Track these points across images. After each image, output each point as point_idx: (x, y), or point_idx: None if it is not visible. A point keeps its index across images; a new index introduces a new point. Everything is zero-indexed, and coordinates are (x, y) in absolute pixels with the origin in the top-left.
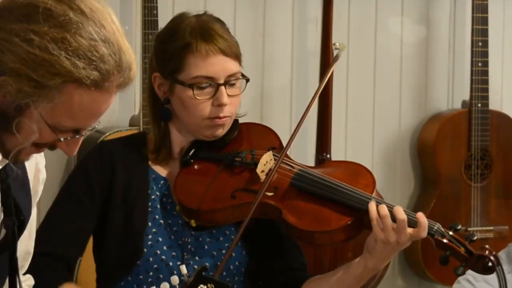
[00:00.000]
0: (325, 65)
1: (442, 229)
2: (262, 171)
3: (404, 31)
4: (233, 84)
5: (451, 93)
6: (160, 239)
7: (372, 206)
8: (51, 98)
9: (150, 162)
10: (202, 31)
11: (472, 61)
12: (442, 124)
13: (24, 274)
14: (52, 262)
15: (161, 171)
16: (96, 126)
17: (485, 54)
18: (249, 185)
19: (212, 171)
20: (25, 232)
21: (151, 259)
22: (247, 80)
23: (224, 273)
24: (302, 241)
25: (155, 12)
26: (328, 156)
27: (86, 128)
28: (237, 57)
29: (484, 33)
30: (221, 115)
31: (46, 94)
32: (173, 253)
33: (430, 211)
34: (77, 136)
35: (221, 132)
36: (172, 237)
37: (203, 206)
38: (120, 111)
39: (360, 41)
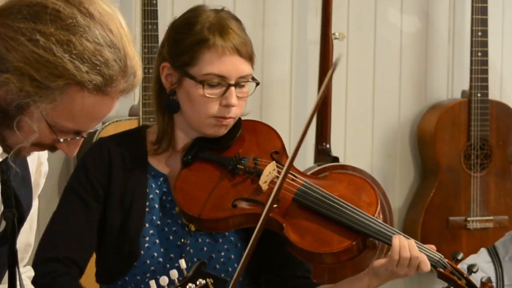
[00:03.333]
0: (324, 55)
1: (445, 261)
2: (265, 182)
3: (403, 21)
4: (243, 86)
5: (451, 83)
6: (157, 241)
7: (396, 244)
8: (53, 99)
9: (149, 158)
10: (220, 28)
11: (471, 51)
12: (441, 114)
13: (25, 266)
14: (67, 269)
15: (161, 167)
16: (98, 128)
17: (484, 44)
18: (251, 195)
19: (213, 175)
20: (26, 225)
21: (148, 261)
22: (257, 84)
23: (223, 275)
24: (302, 258)
25: (154, 2)
26: (328, 146)
27: (87, 130)
28: (251, 58)
29: (484, 22)
30: (227, 115)
31: (48, 95)
32: (171, 255)
33: (429, 201)
34: (78, 138)
35: (223, 131)
36: (171, 237)
37: (203, 215)
38: (119, 101)
39: (360, 31)
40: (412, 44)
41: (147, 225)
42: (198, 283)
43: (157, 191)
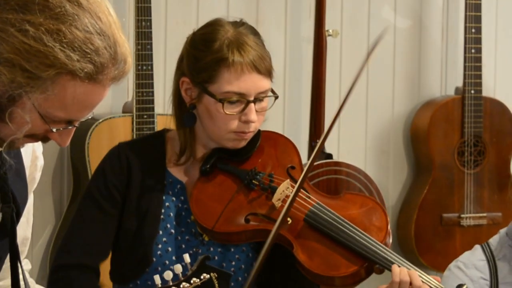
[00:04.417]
0: (318, 52)
1: None
2: (278, 199)
3: (397, 17)
4: (262, 100)
5: (444, 79)
6: (170, 248)
7: (396, 268)
8: (44, 89)
9: (168, 165)
10: (239, 45)
11: (465, 48)
12: (435, 110)
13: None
14: (80, 274)
15: (179, 174)
16: (90, 117)
17: (478, 41)
18: (264, 211)
19: (229, 188)
20: (23, 219)
21: (159, 268)
22: (276, 97)
23: (232, 284)
24: (310, 278)
25: None
26: None
27: (79, 119)
28: (269, 73)
29: (477, 19)
30: (247, 130)
31: (40, 85)
32: (182, 263)
33: (423, 198)
34: (70, 127)
35: (243, 144)
36: (183, 246)
37: (217, 228)
38: (113, 98)
39: (353, 28)
40: (406, 41)
41: (160, 232)
42: (202, 277)
43: (174, 198)
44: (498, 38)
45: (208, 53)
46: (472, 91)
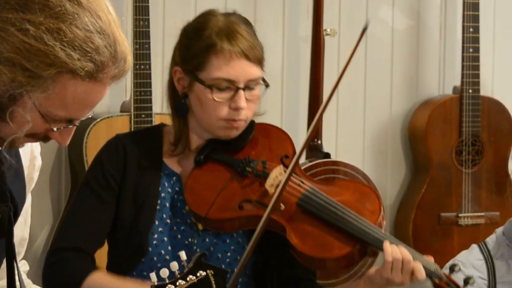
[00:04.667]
0: (316, 51)
1: (440, 272)
2: (271, 185)
3: (395, 17)
4: (252, 88)
5: (442, 79)
6: (165, 238)
7: (388, 247)
8: (45, 89)
9: (164, 157)
10: (228, 33)
11: (463, 47)
12: (433, 110)
13: (20, 260)
14: (75, 255)
15: (175, 166)
16: (90, 116)
17: (476, 40)
18: (258, 197)
19: (223, 176)
20: (21, 219)
21: (155, 258)
22: (267, 86)
23: (228, 275)
24: (303, 262)
25: None
26: (319, 142)
27: (79, 118)
28: (260, 62)
29: (475, 19)
30: (237, 118)
31: (40, 84)
32: (179, 261)
33: (421, 197)
34: (70, 126)
35: (234, 133)
36: (179, 236)
37: (210, 215)
38: (111, 97)
39: (351, 27)
40: (404, 40)
41: (156, 222)
42: (198, 274)
43: (169, 189)
44: (496, 37)
45: (198, 41)
46: (470, 90)
